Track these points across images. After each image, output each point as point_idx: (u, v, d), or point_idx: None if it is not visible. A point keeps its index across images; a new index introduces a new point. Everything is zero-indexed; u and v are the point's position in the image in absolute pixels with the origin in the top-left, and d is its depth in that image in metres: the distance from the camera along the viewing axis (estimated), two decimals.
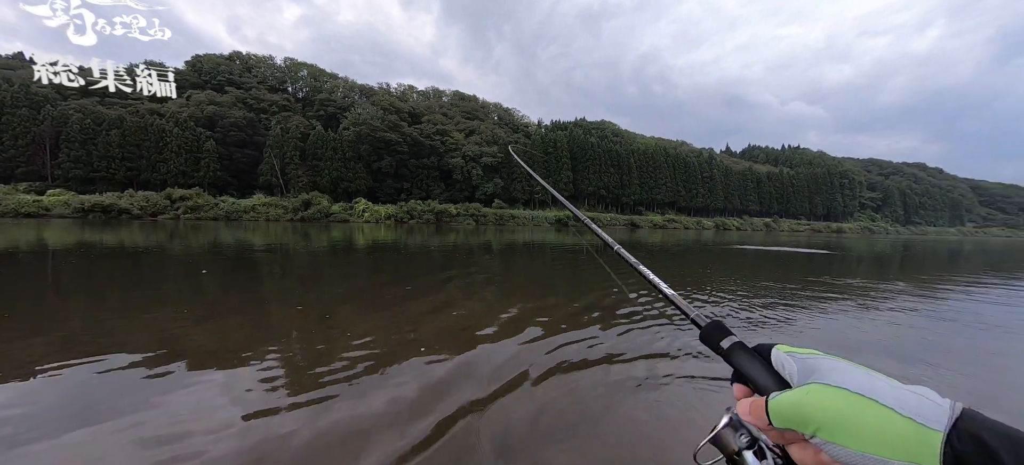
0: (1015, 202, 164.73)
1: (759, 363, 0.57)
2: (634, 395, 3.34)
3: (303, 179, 59.78)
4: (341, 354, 4.01)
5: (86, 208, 41.00)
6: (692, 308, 0.74)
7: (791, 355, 0.53)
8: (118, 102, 57.54)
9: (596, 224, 1.21)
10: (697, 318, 0.72)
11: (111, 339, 4.33)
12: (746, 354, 0.59)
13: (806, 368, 0.49)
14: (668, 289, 0.82)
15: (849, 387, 0.42)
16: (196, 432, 2.64)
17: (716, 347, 0.63)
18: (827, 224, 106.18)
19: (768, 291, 8.63)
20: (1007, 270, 14.93)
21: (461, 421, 2.83)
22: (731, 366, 0.60)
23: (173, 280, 8.26)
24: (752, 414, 0.51)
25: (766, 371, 0.55)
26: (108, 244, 15.19)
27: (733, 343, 0.61)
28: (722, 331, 0.64)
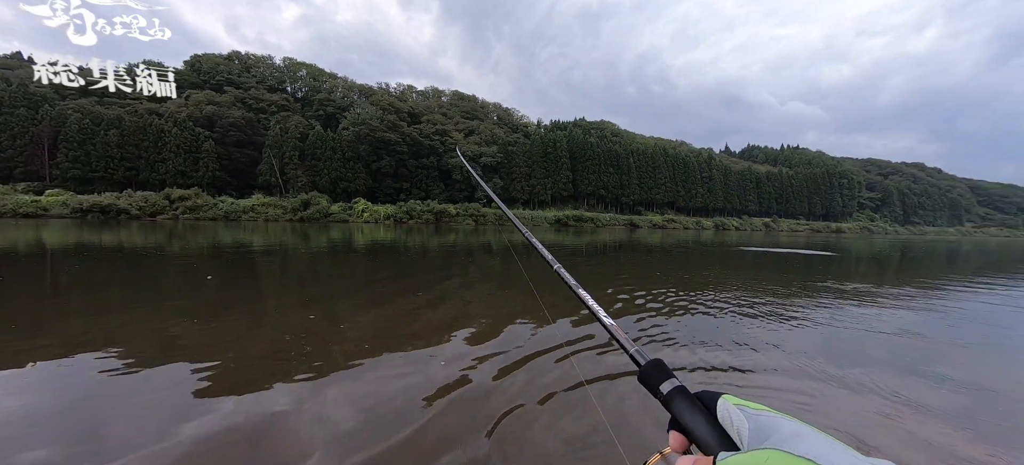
0: (1013, 202, 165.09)
1: (701, 415, 0.51)
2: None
3: (302, 179, 59.72)
4: (341, 352, 4.00)
5: (84, 208, 40.90)
6: (631, 343, 0.69)
7: (742, 409, 0.48)
8: (116, 102, 57.45)
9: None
10: (635, 354, 0.67)
11: (110, 339, 4.31)
12: (687, 402, 0.53)
13: (760, 428, 0.45)
14: (607, 318, 0.77)
15: (817, 459, 0.36)
16: (189, 431, 2.62)
17: (655, 390, 0.58)
18: (826, 224, 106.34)
19: (779, 294, 8.62)
20: (1009, 270, 14.94)
21: (461, 418, 2.82)
22: (669, 413, 0.55)
23: (172, 281, 8.23)
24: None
25: (709, 425, 0.50)
26: (107, 245, 15.15)
27: (674, 388, 0.56)
28: (662, 372, 0.59)
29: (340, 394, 3.18)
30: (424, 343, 4.47)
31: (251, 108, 69.46)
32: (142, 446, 2.49)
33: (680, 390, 0.55)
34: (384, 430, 2.73)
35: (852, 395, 3.49)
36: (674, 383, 0.56)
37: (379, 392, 3.26)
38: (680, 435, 0.53)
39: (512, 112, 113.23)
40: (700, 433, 0.49)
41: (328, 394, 3.17)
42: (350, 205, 54.58)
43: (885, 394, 3.50)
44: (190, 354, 3.94)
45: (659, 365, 0.59)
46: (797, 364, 4.16)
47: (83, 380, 3.36)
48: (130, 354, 3.92)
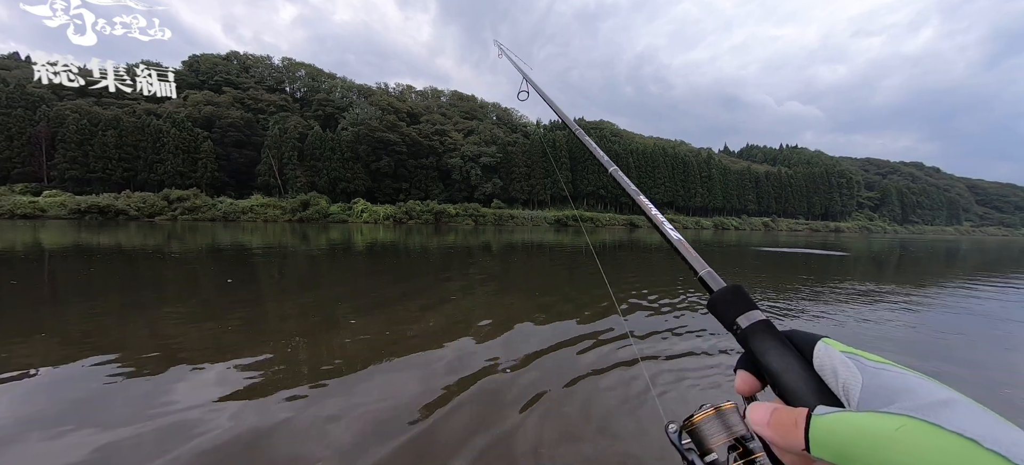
0: (1011, 201, 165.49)
1: (793, 358, 0.42)
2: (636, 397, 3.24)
3: (301, 179, 59.56)
4: (339, 352, 3.91)
5: (82, 209, 40.72)
6: (702, 263, 0.59)
7: (853, 358, 0.37)
8: (114, 102, 57.29)
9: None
10: (707, 278, 0.57)
11: (109, 341, 4.21)
12: (774, 340, 0.45)
13: (882, 386, 0.33)
14: (672, 232, 0.68)
15: (982, 440, 0.25)
16: (191, 429, 2.53)
17: (729, 321, 0.49)
18: (825, 223, 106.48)
19: (832, 297, 8.54)
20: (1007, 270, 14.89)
21: (460, 412, 2.73)
22: (747, 350, 0.47)
23: (171, 283, 8.14)
24: (774, 427, 0.36)
25: (802, 371, 0.41)
26: (105, 246, 15.03)
27: (756, 321, 0.47)
28: (741, 300, 0.49)
29: (337, 389, 3.10)
30: (427, 344, 4.38)
31: (250, 108, 69.28)
32: (145, 459, 2.41)
33: (765, 324, 0.46)
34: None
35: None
36: (757, 315, 0.48)
37: (376, 390, 3.17)
38: (750, 376, 0.46)
39: (511, 112, 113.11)
40: (789, 379, 0.41)
41: (325, 389, 3.09)
42: (349, 205, 54.47)
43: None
44: (189, 358, 3.85)
45: (738, 292, 0.50)
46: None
47: (80, 385, 3.27)
48: (128, 358, 3.83)
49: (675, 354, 4.35)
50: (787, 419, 0.35)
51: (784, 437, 0.35)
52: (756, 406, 0.40)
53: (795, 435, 0.33)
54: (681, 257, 0.63)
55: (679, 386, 3.56)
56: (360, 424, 2.80)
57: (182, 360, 3.84)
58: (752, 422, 0.39)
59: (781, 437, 0.35)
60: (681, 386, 3.56)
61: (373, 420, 2.86)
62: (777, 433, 0.36)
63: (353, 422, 2.83)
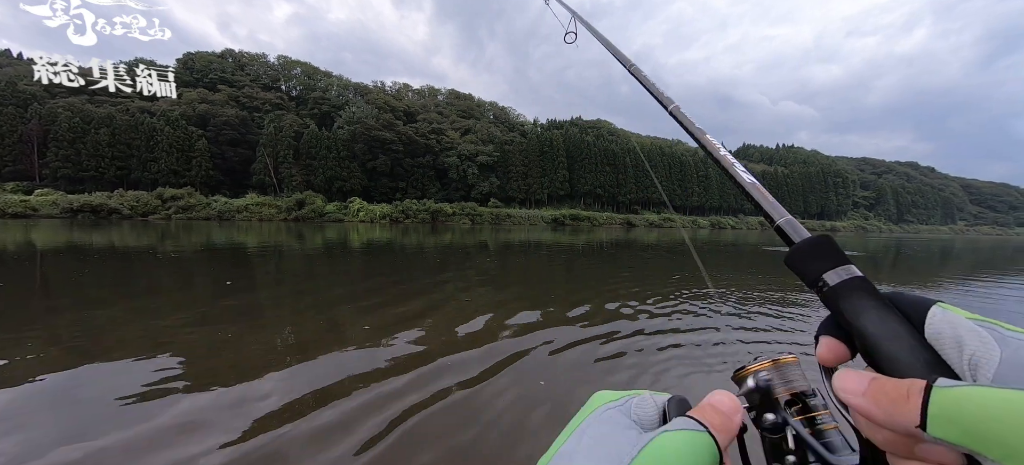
0: (1005, 201, 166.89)
1: (897, 323, 0.34)
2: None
3: (297, 178, 59.24)
4: (338, 352, 3.81)
5: (75, 208, 40.32)
6: (780, 209, 0.51)
7: (985, 327, 0.30)
8: (107, 100, 56.69)
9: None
10: (786, 226, 0.49)
11: (102, 343, 4.09)
12: (872, 300, 0.37)
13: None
14: (746, 174, 0.59)
15: None
16: (190, 430, 2.43)
17: (813, 278, 0.41)
18: (821, 223, 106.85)
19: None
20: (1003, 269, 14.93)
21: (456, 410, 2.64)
22: (834, 312, 0.39)
23: (166, 283, 7.99)
24: (874, 397, 0.30)
25: (912, 340, 0.33)
26: (98, 245, 14.83)
27: (850, 278, 0.39)
28: (829, 254, 0.41)
29: (335, 389, 2.99)
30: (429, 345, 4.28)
31: (245, 107, 68.82)
32: (134, 446, 2.31)
33: (861, 282, 0.38)
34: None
35: None
36: (850, 271, 0.39)
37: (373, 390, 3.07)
38: (837, 343, 0.38)
39: (508, 111, 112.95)
40: (893, 347, 0.33)
41: (323, 389, 2.99)
42: (345, 204, 54.21)
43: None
44: (183, 356, 3.74)
45: (826, 244, 0.42)
46: None
47: (70, 390, 3.15)
48: (122, 360, 3.70)
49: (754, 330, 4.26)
50: (893, 390, 0.28)
51: (888, 410, 0.28)
52: (848, 372, 0.33)
53: (904, 409, 0.27)
54: (755, 203, 0.54)
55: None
56: (358, 423, 2.70)
57: (176, 361, 3.72)
58: (842, 390, 0.32)
59: (883, 410, 0.29)
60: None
61: (372, 421, 2.76)
62: (878, 405, 0.29)
63: (350, 424, 2.72)
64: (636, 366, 4.02)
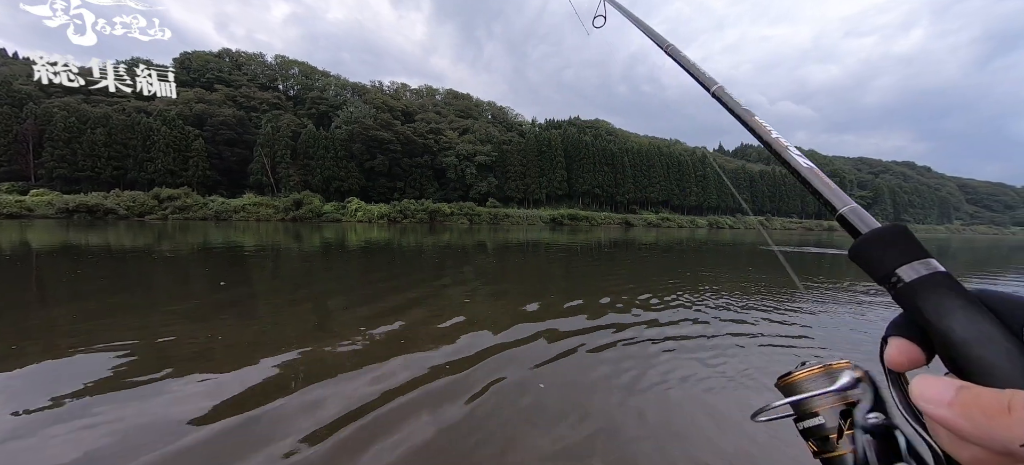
0: (1000, 200, 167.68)
1: (990, 325, 0.30)
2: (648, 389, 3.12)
3: (294, 178, 59.03)
4: (337, 351, 3.76)
5: (70, 208, 40.04)
6: (845, 197, 0.47)
7: None
8: (103, 100, 56.36)
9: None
10: (850, 214, 0.45)
11: (96, 344, 4.03)
12: (959, 299, 0.32)
13: None
14: (802, 158, 0.54)
15: None
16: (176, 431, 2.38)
17: (884, 273, 0.37)
18: (819, 223, 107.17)
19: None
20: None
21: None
22: (912, 310, 0.34)
23: (161, 284, 7.92)
24: (963, 408, 0.26)
25: (1008, 344, 0.28)
26: (94, 245, 14.73)
27: (932, 273, 0.34)
28: (909, 246, 0.37)
29: (329, 389, 2.95)
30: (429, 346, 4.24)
31: (242, 106, 68.53)
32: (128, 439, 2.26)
33: (945, 278, 0.33)
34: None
35: None
36: (931, 265, 0.35)
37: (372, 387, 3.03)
38: (911, 345, 0.34)
39: (507, 111, 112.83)
40: (985, 352, 0.28)
41: (321, 386, 2.94)
42: (343, 205, 54.02)
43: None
44: (183, 365, 3.68)
45: (902, 234, 0.37)
46: None
47: (70, 386, 3.10)
48: (120, 362, 3.65)
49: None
50: (990, 402, 0.24)
51: (982, 424, 0.24)
52: (929, 379, 0.29)
53: (1005, 424, 0.23)
54: (813, 190, 0.50)
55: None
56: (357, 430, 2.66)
57: (171, 362, 3.67)
58: (923, 398, 0.28)
59: (976, 424, 0.25)
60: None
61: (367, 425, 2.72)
62: (969, 418, 0.25)
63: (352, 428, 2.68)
64: (635, 359, 3.98)
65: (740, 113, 0.66)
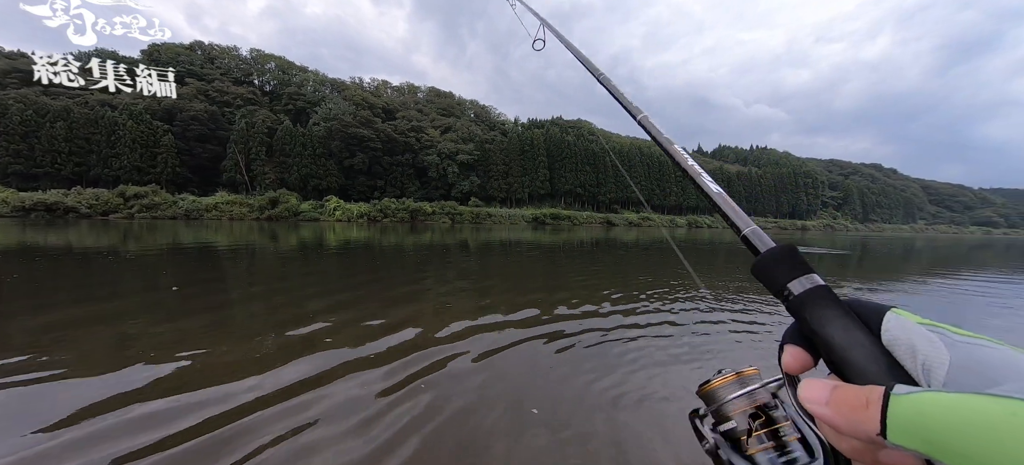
0: (960, 201, 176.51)
1: (859, 330, 0.35)
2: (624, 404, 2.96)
3: (270, 176, 57.40)
4: (309, 351, 3.48)
5: (27, 206, 37.95)
6: (747, 220, 0.51)
7: (936, 332, 0.31)
8: (63, 92, 53.56)
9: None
10: (752, 236, 0.49)
11: (62, 350, 3.63)
12: (835, 309, 0.37)
13: (979, 363, 0.28)
14: (712, 184, 0.59)
15: None
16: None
17: (779, 289, 0.42)
18: (792, 222, 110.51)
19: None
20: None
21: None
22: (799, 320, 0.40)
23: (127, 285, 7.39)
24: (837, 406, 0.29)
25: (872, 347, 0.34)
26: (53, 246, 13.83)
27: (813, 287, 0.40)
28: (796, 264, 0.42)
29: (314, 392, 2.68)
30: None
31: (215, 101, 66.20)
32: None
33: (825, 291, 0.39)
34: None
35: None
36: (813, 280, 0.40)
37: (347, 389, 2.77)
38: (802, 352, 0.39)
39: (489, 110, 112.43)
40: (853, 355, 0.34)
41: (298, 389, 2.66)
42: (321, 203, 52.78)
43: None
44: (141, 359, 3.33)
45: (791, 253, 0.43)
46: None
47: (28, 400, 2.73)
48: (81, 374, 3.27)
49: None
50: (854, 398, 0.28)
51: (850, 419, 0.28)
52: (811, 382, 0.33)
53: (865, 417, 0.27)
54: (722, 213, 0.55)
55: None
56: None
57: (133, 362, 3.31)
58: (806, 399, 0.32)
59: (845, 418, 0.28)
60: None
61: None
62: (840, 414, 0.29)
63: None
64: (603, 355, 3.83)
65: (661, 141, 0.71)
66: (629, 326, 5.43)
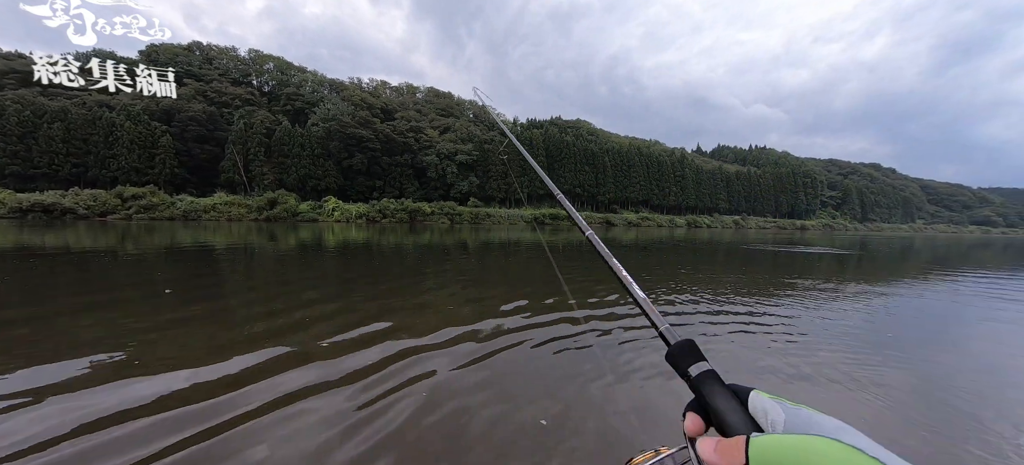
0: (959, 200, 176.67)
1: (734, 402, 0.51)
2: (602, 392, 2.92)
3: (269, 177, 57.24)
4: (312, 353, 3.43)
5: (24, 208, 37.79)
6: (663, 320, 0.68)
7: (778, 402, 0.48)
8: (61, 93, 53.39)
9: (570, 221, 1.21)
10: (666, 333, 0.65)
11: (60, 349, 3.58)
12: (719, 386, 0.53)
13: (800, 420, 0.46)
14: (639, 291, 0.75)
15: (866, 449, 0.37)
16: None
17: (683, 371, 0.57)
18: (792, 222, 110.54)
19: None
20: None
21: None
22: (696, 394, 0.55)
23: (126, 290, 7.33)
24: (720, 452, 0.45)
25: (743, 413, 0.50)
26: (50, 247, 13.75)
27: (705, 371, 0.55)
28: (693, 353, 0.58)
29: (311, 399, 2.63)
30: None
31: (213, 102, 66.02)
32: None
33: (712, 374, 0.55)
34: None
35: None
36: (706, 366, 0.56)
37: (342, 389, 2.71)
38: (697, 417, 0.53)
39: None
40: (730, 417, 0.49)
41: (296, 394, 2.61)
42: (320, 204, 52.66)
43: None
44: (145, 359, 3.28)
45: (691, 346, 0.58)
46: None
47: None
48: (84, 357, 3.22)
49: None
50: (731, 445, 0.44)
51: (728, 459, 0.44)
52: (705, 439, 0.48)
53: (737, 455, 0.43)
54: (646, 315, 0.70)
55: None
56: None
57: (132, 366, 3.26)
58: (702, 452, 0.47)
59: (726, 459, 0.44)
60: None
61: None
62: (723, 457, 0.45)
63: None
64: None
65: (604, 255, 0.90)
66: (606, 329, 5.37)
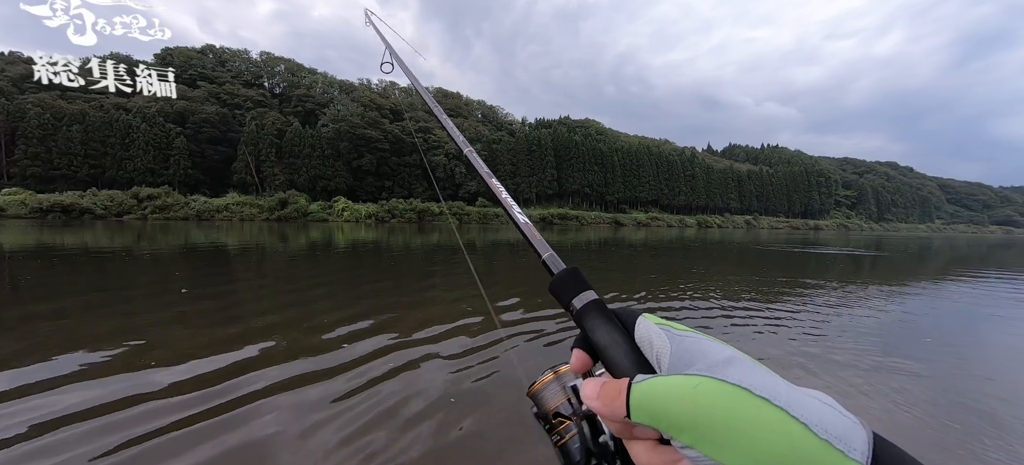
0: (979, 199, 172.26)
1: (619, 334, 0.44)
2: None
3: (280, 177, 57.97)
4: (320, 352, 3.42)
5: (45, 208, 38.76)
6: (547, 247, 0.62)
7: (664, 330, 0.41)
8: (80, 96, 54.65)
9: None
10: (549, 261, 0.59)
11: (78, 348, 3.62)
12: (603, 318, 0.46)
13: (685, 351, 0.37)
14: (520, 215, 0.70)
15: (753, 389, 0.30)
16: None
17: (566, 303, 0.50)
18: (805, 221, 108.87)
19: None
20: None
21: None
22: (581, 329, 0.48)
23: (141, 289, 7.43)
24: (602, 400, 0.38)
25: (626, 345, 0.43)
26: (69, 246, 14.05)
27: (589, 301, 0.49)
28: (577, 282, 0.51)
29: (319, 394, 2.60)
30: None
31: (226, 104, 67.13)
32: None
33: (596, 304, 0.48)
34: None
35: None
36: (590, 296, 0.49)
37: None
38: (584, 354, 0.47)
39: (496, 110, 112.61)
40: (613, 353, 0.43)
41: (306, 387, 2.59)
42: (330, 204, 53.19)
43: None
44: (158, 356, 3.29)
45: (575, 274, 0.52)
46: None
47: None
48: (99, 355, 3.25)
49: None
50: (612, 390, 0.37)
51: (610, 407, 0.37)
52: (587, 381, 0.41)
53: (618, 404, 0.35)
54: (527, 240, 0.66)
55: None
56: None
57: (147, 364, 3.28)
58: (584, 397, 0.41)
59: (607, 407, 0.37)
60: None
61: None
62: (604, 404, 0.37)
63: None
64: None
65: (483, 173, 0.82)
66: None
